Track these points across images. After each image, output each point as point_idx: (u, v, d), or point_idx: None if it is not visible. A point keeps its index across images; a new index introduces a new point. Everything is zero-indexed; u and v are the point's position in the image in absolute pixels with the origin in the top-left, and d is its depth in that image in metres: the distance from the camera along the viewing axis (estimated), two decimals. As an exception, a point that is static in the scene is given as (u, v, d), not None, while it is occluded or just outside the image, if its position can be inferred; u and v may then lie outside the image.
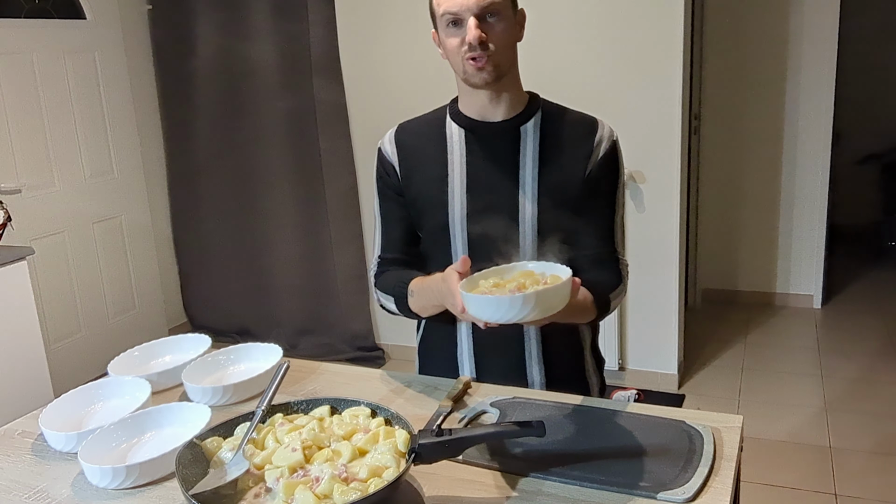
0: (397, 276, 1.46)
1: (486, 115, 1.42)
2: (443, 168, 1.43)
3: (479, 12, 1.31)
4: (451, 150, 1.44)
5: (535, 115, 1.43)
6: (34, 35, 3.45)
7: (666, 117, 3.12)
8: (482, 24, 1.32)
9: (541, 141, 1.41)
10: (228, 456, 1.09)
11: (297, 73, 3.70)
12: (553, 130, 1.42)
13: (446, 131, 1.46)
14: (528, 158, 1.40)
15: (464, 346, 1.50)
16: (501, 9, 1.32)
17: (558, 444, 1.19)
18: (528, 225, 1.40)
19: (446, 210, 1.43)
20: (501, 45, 1.34)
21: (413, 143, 1.48)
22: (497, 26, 1.33)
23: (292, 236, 3.96)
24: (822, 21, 3.96)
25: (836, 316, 4.16)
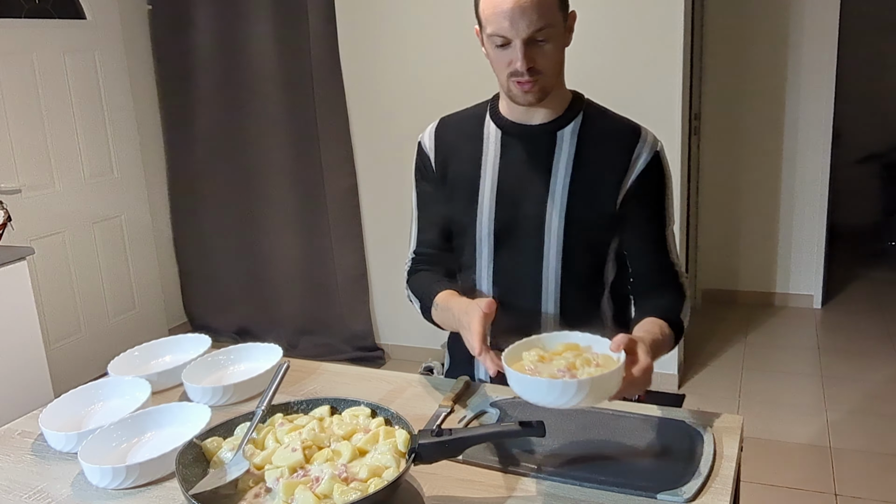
0: (428, 282, 1.46)
1: (525, 118, 1.38)
2: (476, 167, 1.42)
3: (529, 37, 1.24)
4: (486, 149, 1.41)
5: (574, 119, 1.38)
6: (34, 35, 3.45)
7: (666, 117, 3.12)
8: (531, 47, 1.25)
9: (577, 148, 1.36)
10: (228, 456, 1.09)
11: (297, 74, 3.70)
12: (592, 138, 1.37)
13: (484, 130, 1.43)
14: (561, 165, 1.36)
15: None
16: (552, 28, 1.25)
17: (558, 444, 1.19)
18: (554, 234, 1.37)
19: (475, 210, 1.41)
20: (550, 67, 1.28)
21: (451, 138, 1.46)
22: (546, 48, 1.26)
23: (292, 236, 3.96)
24: (822, 20, 3.96)
25: (836, 316, 4.16)
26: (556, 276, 1.39)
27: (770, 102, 4.16)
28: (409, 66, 3.50)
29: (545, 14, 1.22)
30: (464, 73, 3.37)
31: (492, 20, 1.24)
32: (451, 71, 3.42)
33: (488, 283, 1.45)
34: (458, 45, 3.37)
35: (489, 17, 1.25)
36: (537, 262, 1.39)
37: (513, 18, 1.21)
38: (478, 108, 1.47)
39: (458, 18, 3.35)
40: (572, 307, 1.42)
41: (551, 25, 1.24)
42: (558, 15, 1.26)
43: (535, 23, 1.22)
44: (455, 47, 3.39)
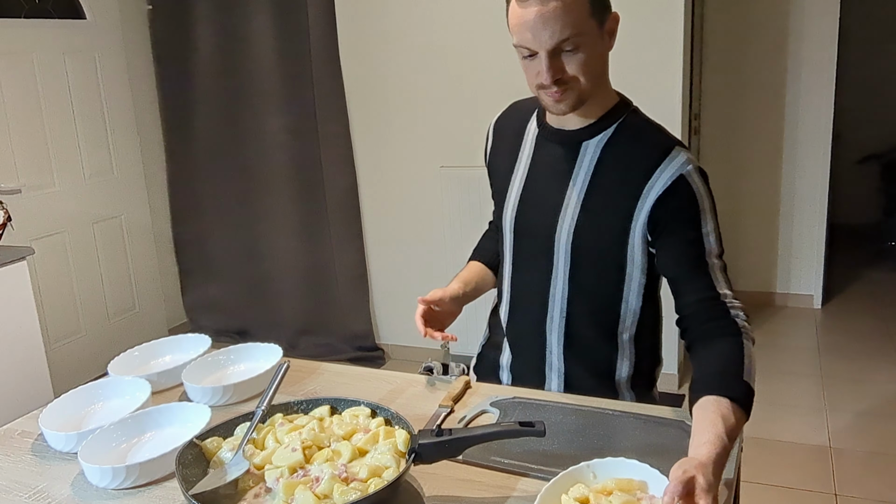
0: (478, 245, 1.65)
1: (560, 123, 1.35)
2: (513, 162, 1.42)
3: (554, 48, 1.18)
4: (524, 146, 1.41)
5: (606, 130, 1.31)
6: (34, 35, 3.45)
7: (666, 117, 3.12)
8: (557, 57, 1.19)
9: (598, 160, 1.29)
10: (228, 456, 1.09)
11: (297, 73, 3.70)
12: (619, 151, 1.29)
13: (527, 127, 1.42)
14: (580, 176, 1.31)
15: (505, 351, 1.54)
16: (581, 37, 1.18)
17: (558, 444, 1.19)
18: (563, 246, 1.34)
19: (504, 204, 1.44)
20: (583, 75, 1.21)
21: (504, 129, 1.48)
22: (576, 57, 1.19)
23: (292, 236, 3.96)
24: (822, 21, 3.96)
25: (836, 316, 4.16)
26: (563, 288, 1.37)
27: (770, 102, 4.16)
28: (409, 65, 3.50)
29: (571, 23, 1.16)
30: (464, 73, 3.37)
31: (516, 31, 1.20)
32: (451, 71, 3.42)
33: (508, 279, 1.47)
34: (459, 45, 3.37)
35: (514, 29, 1.20)
36: (547, 269, 1.37)
37: (535, 30, 1.16)
38: (534, 103, 1.43)
39: (458, 18, 3.35)
40: (579, 324, 1.39)
41: (580, 34, 1.17)
42: (589, 21, 1.19)
43: (560, 33, 1.16)
44: (455, 47, 3.38)
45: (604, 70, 1.29)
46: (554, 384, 1.45)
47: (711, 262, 1.25)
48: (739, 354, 1.16)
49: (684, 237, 1.25)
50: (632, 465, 1.00)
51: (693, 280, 1.24)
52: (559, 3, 1.14)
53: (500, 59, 3.29)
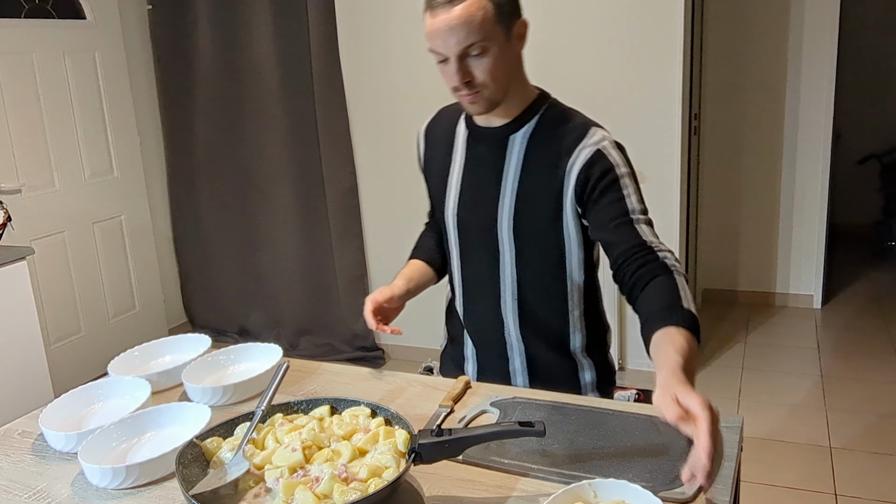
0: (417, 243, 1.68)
1: (485, 122, 1.43)
2: (447, 164, 1.48)
3: (461, 53, 1.26)
4: (456, 148, 1.47)
5: (528, 123, 1.38)
6: (34, 35, 3.45)
7: (666, 117, 3.12)
8: (466, 62, 1.27)
9: (526, 151, 1.37)
10: (228, 456, 1.09)
11: (297, 74, 3.70)
12: (541, 141, 1.37)
13: (457, 129, 1.48)
14: (511, 169, 1.39)
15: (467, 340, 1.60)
16: (486, 42, 1.25)
17: (558, 444, 1.19)
18: (506, 237, 1.42)
19: (444, 204, 1.50)
20: (491, 78, 1.29)
21: (436, 133, 1.54)
22: (483, 62, 1.27)
23: (292, 236, 3.96)
24: (822, 21, 3.96)
25: (836, 316, 4.16)
26: (511, 273, 1.45)
27: (770, 102, 4.16)
28: (409, 65, 3.50)
29: (476, 30, 1.23)
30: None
31: (428, 38, 1.28)
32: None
33: (458, 274, 1.54)
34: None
35: (427, 35, 1.28)
36: (494, 258, 1.45)
37: (443, 37, 1.24)
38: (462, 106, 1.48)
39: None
40: (531, 304, 1.47)
41: (485, 39, 1.25)
42: (495, 28, 1.26)
43: (465, 39, 1.24)
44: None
45: (516, 71, 1.36)
46: (517, 363, 1.52)
47: (636, 219, 1.33)
48: (675, 287, 1.24)
49: (607, 201, 1.33)
50: (634, 489, 0.99)
51: (620, 235, 1.32)
52: (464, 12, 1.22)
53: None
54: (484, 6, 1.23)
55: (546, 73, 3.28)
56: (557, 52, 3.22)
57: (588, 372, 1.52)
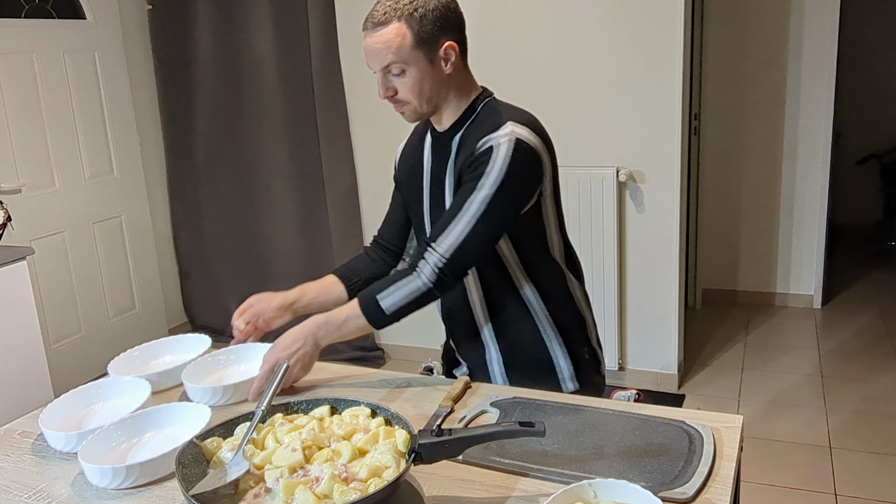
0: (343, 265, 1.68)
1: (440, 126, 1.50)
2: (420, 172, 1.55)
3: (382, 70, 1.38)
4: (424, 154, 1.54)
5: (465, 124, 1.45)
6: (34, 35, 3.45)
7: (666, 117, 3.12)
8: (388, 78, 1.39)
9: (457, 151, 1.45)
10: (228, 456, 1.09)
11: (297, 73, 3.70)
12: (468, 138, 1.43)
13: (426, 136, 1.55)
14: (449, 169, 1.46)
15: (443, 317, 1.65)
16: (404, 65, 1.36)
17: (558, 444, 1.19)
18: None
19: (421, 210, 1.55)
20: (412, 95, 1.39)
21: (411, 143, 1.61)
22: (403, 80, 1.38)
23: (292, 236, 3.96)
24: (822, 21, 3.96)
25: (836, 316, 4.16)
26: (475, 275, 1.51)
27: (770, 102, 4.16)
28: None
29: (394, 53, 1.35)
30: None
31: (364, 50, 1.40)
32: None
33: None
34: (458, 45, 3.37)
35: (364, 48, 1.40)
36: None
37: (369, 55, 1.38)
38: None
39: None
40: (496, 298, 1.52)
41: (403, 62, 1.36)
42: (413, 52, 1.35)
43: (384, 60, 1.36)
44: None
45: (446, 87, 1.41)
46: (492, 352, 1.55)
47: (456, 220, 1.37)
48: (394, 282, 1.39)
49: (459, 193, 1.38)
50: (634, 489, 0.99)
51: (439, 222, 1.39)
52: (383, 37, 1.34)
53: (499, 60, 3.29)
54: (403, 33, 1.34)
55: (546, 74, 3.29)
56: (557, 53, 3.22)
57: (563, 360, 1.54)
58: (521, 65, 3.29)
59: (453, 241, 1.36)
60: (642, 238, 3.28)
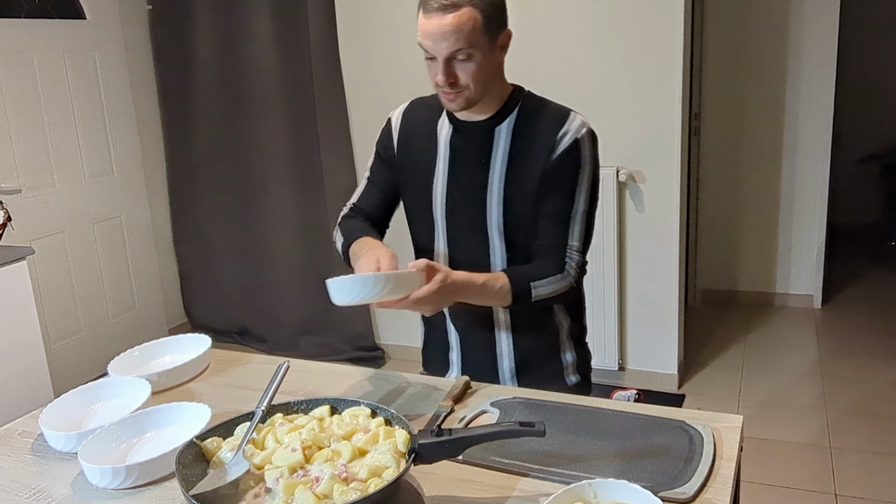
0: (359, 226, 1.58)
1: (469, 116, 1.48)
2: (432, 157, 1.53)
3: (448, 56, 1.34)
4: (439, 141, 1.52)
5: (511, 114, 1.46)
6: (34, 35, 3.45)
7: (666, 117, 3.12)
8: (451, 64, 1.35)
9: (512, 142, 1.45)
10: (228, 456, 1.09)
11: (297, 74, 3.70)
12: (525, 130, 1.45)
13: (439, 124, 1.53)
14: (497, 160, 1.46)
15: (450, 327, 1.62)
16: (472, 49, 1.33)
17: (558, 444, 1.19)
18: (495, 221, 1.47)
19: (430, 197, 1.53)
20: (473, 81, 1.37)
21: (414, 124, 1.57)
22: (468, 66, 1.35)
23: (292, 236, 3.96)
24: (822, 21, 3.96)
25: (836, 316, 4.16)
26: (501, 254, 1.50)
27: (770, 102, 4.16)
28: (409, 65, 3.50)
29: (464, 38, 1.32)
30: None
31: (420, 34, 1.36)
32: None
33: (444, 260, 1.57)
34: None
35: (420, 31, 1.36)
36: (484, 242, 1.50)
37: (434, 40, 1.33)
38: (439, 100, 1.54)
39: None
40: None
41: (471, 47, 1.33)
42: (482, 38, 1.34)
43: (453, 46, 1.32)
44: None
45: (496, 75, 1.43)
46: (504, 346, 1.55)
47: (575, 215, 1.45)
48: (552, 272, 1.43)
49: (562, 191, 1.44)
50: (634, 489, 0.99)
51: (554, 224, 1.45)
52: (455, 20, 1.31)
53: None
54: (474, 17, 1.32)
55: (546, 73, 3.29)
56: (557, 52, 3.22)
57: (569, 353, 1.60)
58: (522, 64, 3.28)
59: (580, 237, 1.46)
60: (642, 238, 3.28)
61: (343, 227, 1.60)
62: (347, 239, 1.54)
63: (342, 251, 1.56)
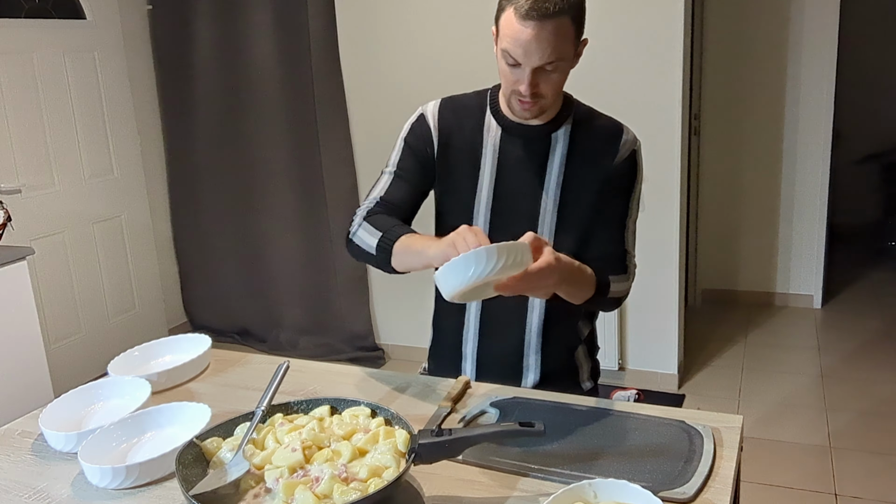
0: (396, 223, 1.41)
1: (521, 119, 1.44)
2: (476, 158, 1.47)
3: (540, 66, 1.28)
4: (486, 142, 1.47)
5: (566, 120, 1.45)
6: (34, 35, 3.45)
7: (666, 117, 3.12)
8: (538, 74, 1.29)
9: (569, 148, 1.44)
10: (228, 456, 1.09)
11: (297, 74, 3.70)
12: (582, 137, 1.44)
13: (485, 123, 1.47)
14: (555, 164, 1.43)
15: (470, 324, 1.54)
16: (562, 61, 1.29)
17: (558, 444, 1.19)
18: (547, 226, 1.45)
19: (473, 199, 1.48)
20: (554, 92, 1.34)
21: (454, 123, 1.49)
22: (553, 76, 1.31)
23: (292, 236, 3.96)
24: (822, 21, 3.96)
25: (836, 316, 4.16)
26: None
27: (770, 102, 4.16)
28: (410, 65, 3.50)
29: (559, 48, 1.26)
30: (464, 73, 3.37)
31: (507, 41, 1.27)
32: (451, 70, 3.42)
33: None
34: (459, 45, 3.37)
35: (506, 36, 1.28)
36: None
37: (527, 49, 1.25)
38: (479, 99, 1.50)
39: (458, 18, 3.35)
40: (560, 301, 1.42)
41: (562, 59, 1.29)
42: (571, 47, 1.30)
43: (548, 57, 1.26)
44: (455, 47, 3.39)
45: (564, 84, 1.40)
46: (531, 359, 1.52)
47: (629, 224, 1.47)
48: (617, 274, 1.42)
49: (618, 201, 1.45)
50: (634, 489, 0.99)
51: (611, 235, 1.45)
52: (554, 31, 1.24)
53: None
54: (569, 28, 1.27)
55: (546, 73, 3.29)
56: (557, 52, 3.22)
57: (585, 362, 1.60)
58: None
59: (634, 242, 1.49)
60: (642, 238, 3.27)
61: (373, 223, 1.42)
62: (386, 233, 1.38)
63: (376, 248, 1.39)
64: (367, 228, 1.42)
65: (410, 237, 1.35)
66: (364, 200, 1.51)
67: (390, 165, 1.52)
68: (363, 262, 1.47)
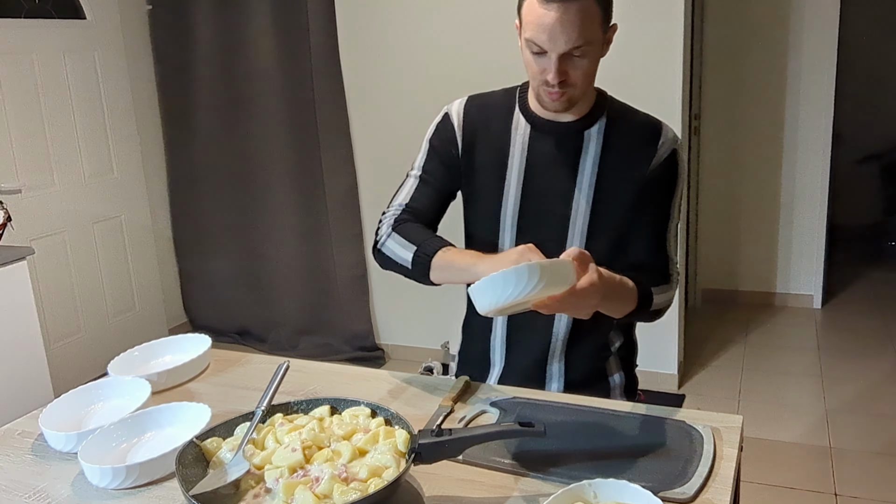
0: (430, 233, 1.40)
1: (554, 116, 1.39)
2: (503, 157, 1.42)
3: (566, 52, 1.24)
4: (514, 141, 1.42)
5: (601, 118, 1.39)
6: (34, 35, 3.45)
7: (666, 117, 3.11)
8: (565, 61, 1.25)
9: (603, 146, 1.38)
10: (228, 456, 1.09)
11: (297, 74, 3.70)
12: (617, 135, 1.38)
13: (513, 121, 1.43)
14: (588, 163, 1.38)
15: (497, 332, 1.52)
16: (590, 45, 1.24)
17: (558, 444, 1.19)
18: (579, 229, 1.39)
19: (500, 199, 1.43)
20: (583, 79, 1.29)
21: (480, 122, 1.45)
22: (581, 62, 1.26)
23: (292, 236, 3.96)
24: (822, 21, 3.96)
25: (836, 316, 4.16)
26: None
27: (770, 102, 4.16)
28: (410, 65, 3.50)
29: (586, 31, 1.22)
30: (465, 73, 3.37)
31: (531, 28, 1.24)
32: (451, 70, 3.42)
33: None
34: (460, 45, 3.37)
35: (529, 24, 1.24)
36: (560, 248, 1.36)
37: (552, 33, 1.21)
38: (507, 97, 1.46)
39: (458, 18, 3.35)
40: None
41: (590, 42, 1.24)
42: (598, 31, 1.26)
43: (574, 41, 1.22)
44: (456, 47, 3.38)
45: (595, 74, 1.35)
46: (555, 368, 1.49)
47: (671, 228, 1.41)
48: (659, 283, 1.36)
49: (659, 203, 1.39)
50: (634, 489, 0.99)
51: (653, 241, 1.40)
52: (579, 13, 1.20)
53: (501, 59, 3.29)
54: (594, 11, 1.23)
55: (546, 73, 3.29)
56: (557, 52, 3.22)
57: (618, 374, 1.53)
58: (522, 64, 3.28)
59: (676, 248, 1.43)
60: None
61: (403, 233, 1.39)
62: (421, 246, 1.35)
63: (412, 262, 1.36)
64: (398, 240, 1.40)
65: (450, 251, 1.33)
66: (390, 205, 1.48)
67: (416, 168, 1.49)
68: (392, 271, 1.41)
